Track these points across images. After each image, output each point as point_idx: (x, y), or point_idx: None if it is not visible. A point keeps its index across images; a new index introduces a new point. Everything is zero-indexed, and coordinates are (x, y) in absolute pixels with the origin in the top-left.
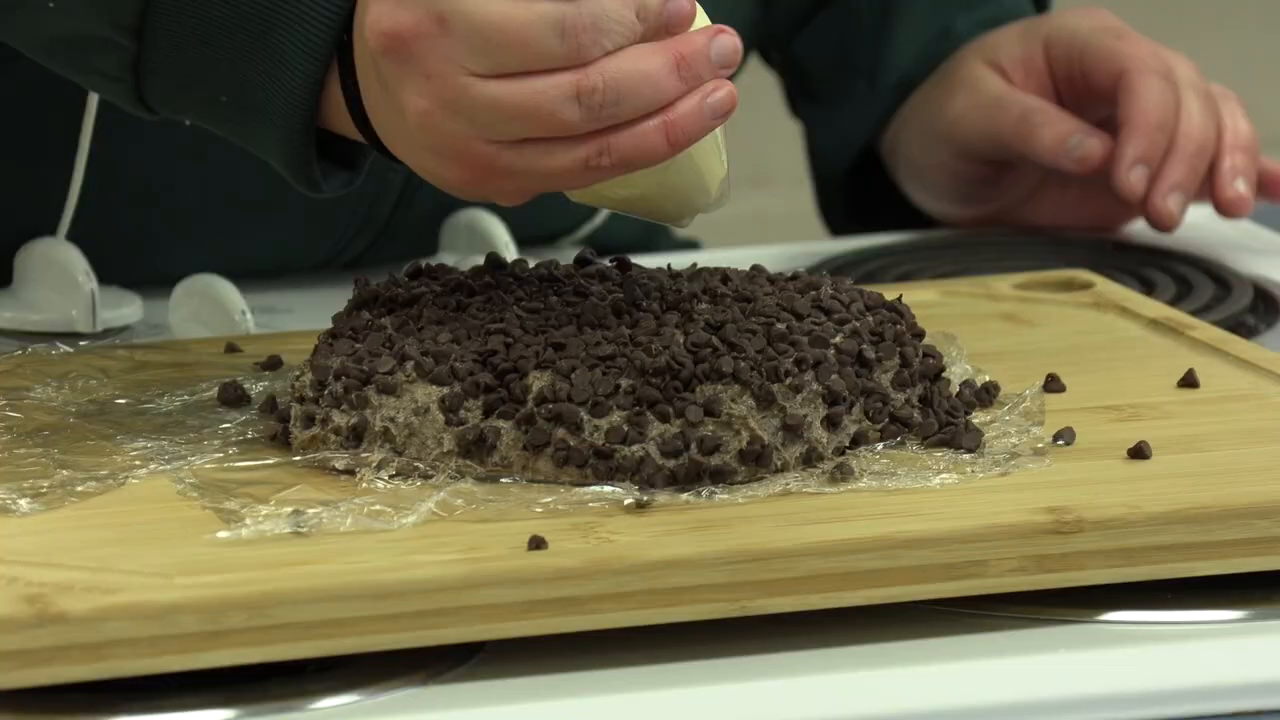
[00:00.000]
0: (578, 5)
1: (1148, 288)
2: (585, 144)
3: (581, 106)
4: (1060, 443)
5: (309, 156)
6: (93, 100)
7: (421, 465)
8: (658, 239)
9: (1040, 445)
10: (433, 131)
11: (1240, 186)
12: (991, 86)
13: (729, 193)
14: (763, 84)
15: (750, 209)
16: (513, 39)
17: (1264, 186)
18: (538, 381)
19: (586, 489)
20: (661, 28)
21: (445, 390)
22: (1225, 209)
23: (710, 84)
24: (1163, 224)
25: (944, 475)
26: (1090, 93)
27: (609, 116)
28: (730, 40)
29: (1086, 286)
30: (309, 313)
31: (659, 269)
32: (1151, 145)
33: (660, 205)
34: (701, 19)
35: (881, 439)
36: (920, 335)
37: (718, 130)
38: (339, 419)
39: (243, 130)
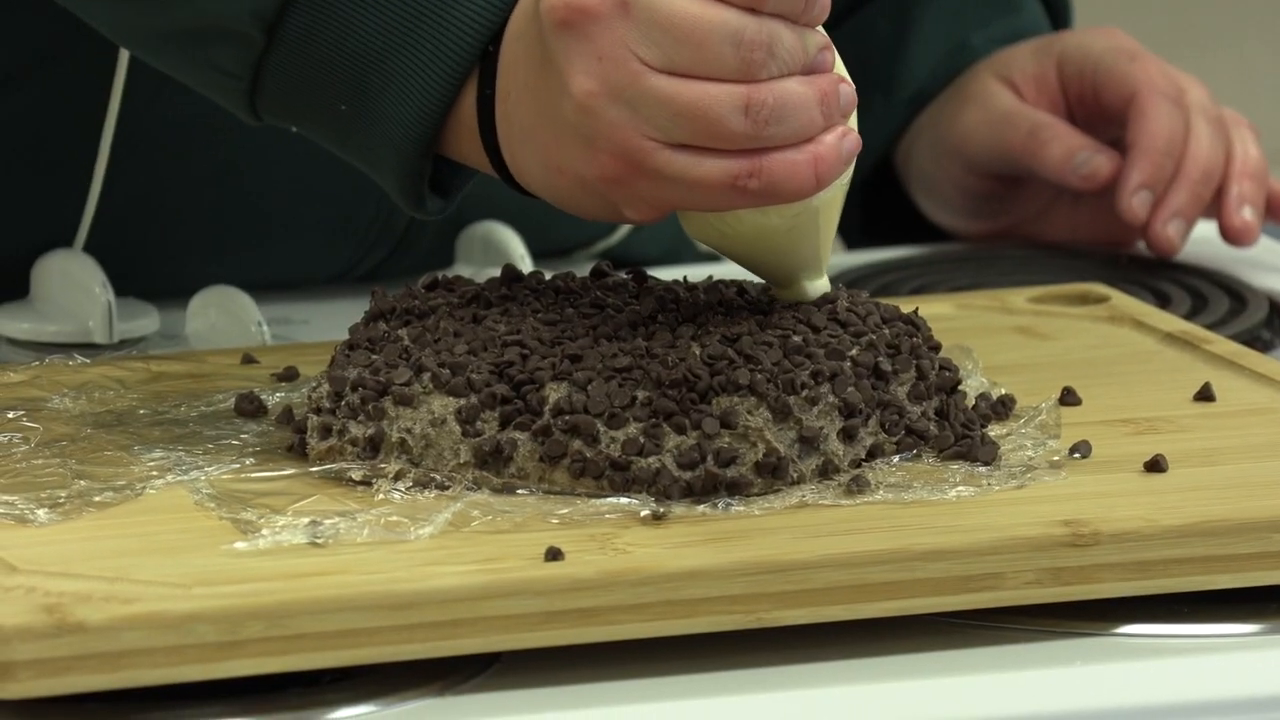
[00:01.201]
0: (758, 22)
1: (1163, 301)
2: (739, 160)
3: (748, 119)
4: (1076, 456)
5: (423, 173)
6: (112, 113)
7: (438, 476)
8: (673, 254)
9: (1056, 458)
10: (593, 115)
11: (1247, 214)
12: (1002, 102)
13: (824, 284)
14: None
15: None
16: (690, 37)
17: (1273, 210)
18: (554, 393)
19: (603, 500)
20: (811, 65)
21: (462, 402)
22: (1231, 237)
23: (842, 127)
24: (1162, 250)
25: (960, 488)
26: (1101, 113)
27: (769, 136)
28: (851, 89)
29: (1102, 300)
30: (325, 324)
31: (675, 281)
32: (1157, 170)
33: (773, 256)
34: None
35: (897, 451)
36: (936, 348)
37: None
38: (356, 430)
39: (356, 143)
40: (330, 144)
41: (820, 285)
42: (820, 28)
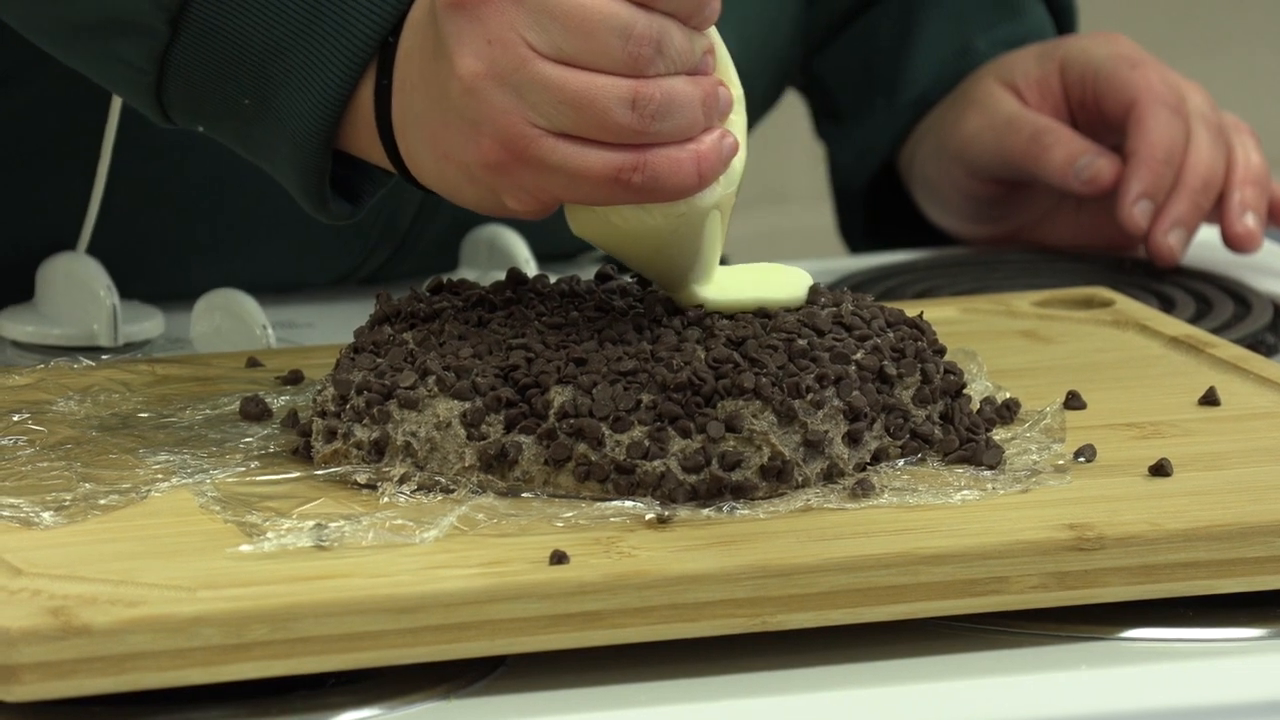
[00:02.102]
0: (649, 18)
1: (1167, 306)
2: (623, 153)
3: (634, 112)
4: (1081, 460)
5: (323, 170)
6: (114, 113)
7: (443, 480)
8: None
9: (1061, 462)
10: (478, 98)
11: (1249, 221)
12: (1004, 106)
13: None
14: (779, 103)
15: (767, 226)
16: (580, 26)
17: (1275, 215)
18: (559, 396)
19: (608, 504)
20: (697, 67)
21: (467, 405)
22: (1234, 244)
23: (721, 128)
24: (1163, 260)
25: (965, 492)
26: (1102, 120)
27: (654, 132)
28: (729, 93)
29: (1106, 304)
30: (330, 328)
31: None
32: (1157, 179)
33: (657, 256)
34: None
35: (902, 455)
36: (941, 352)
37: (726, 220)
38: (361, 433)
39: (258, 139)
40: (235, 144)
41: (708, 291)
42: (710, 29)
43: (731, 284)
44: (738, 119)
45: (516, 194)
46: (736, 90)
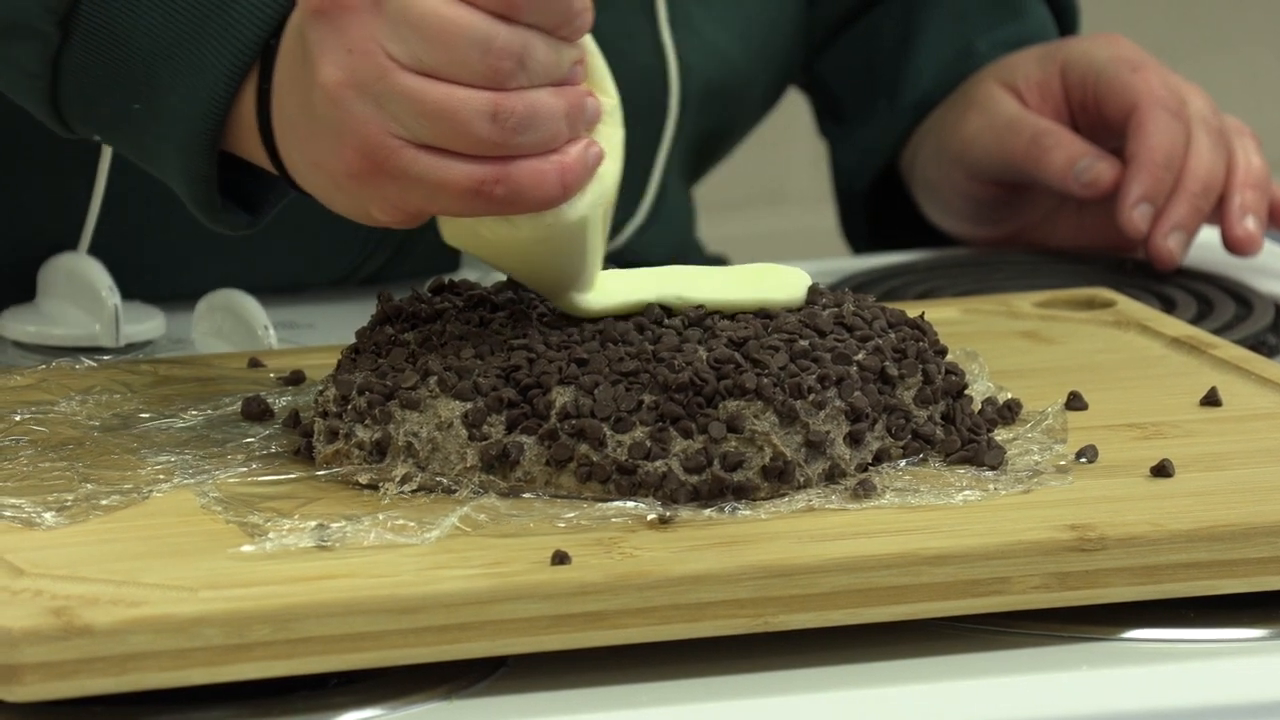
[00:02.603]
0: (510, 31)
1: (1169, 306)
2: (485, 165)
3: (495, 124)
4: (1083, 460)
5: (210, 176)
6: None
7: (445, 480)
8: (680, 256)
9: (1063, 463)
10: (340, 108)
11: (1250, 224)
12: (1005, 108)
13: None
14: (780, 103)
15: (767, 227)
16: (439, 38)
17: (1276, 218)
18: (561, 397)
19: (609, 504)
20: (565, 79)
21: (468, 405)
22: (1234, 247)
23: (586, 138)
24: (1162, 263)
25: (966, 492)
26: (1103, 123)
27: (516, 144)
28: (597, 104)
29: (1108, 305)
30: (331, 328)
31: None
32: (1157, 183)
33: (529, 268)
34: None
35: (904, 456)
36: (943, 352)
37: (603, 230)
38: (362, 434)
39: (149, 146)
40: (131, 152)
41: (590, 299)
42: (585, 39)
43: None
44: (611, 129)
45: (381, 204)
46: (610, 100)
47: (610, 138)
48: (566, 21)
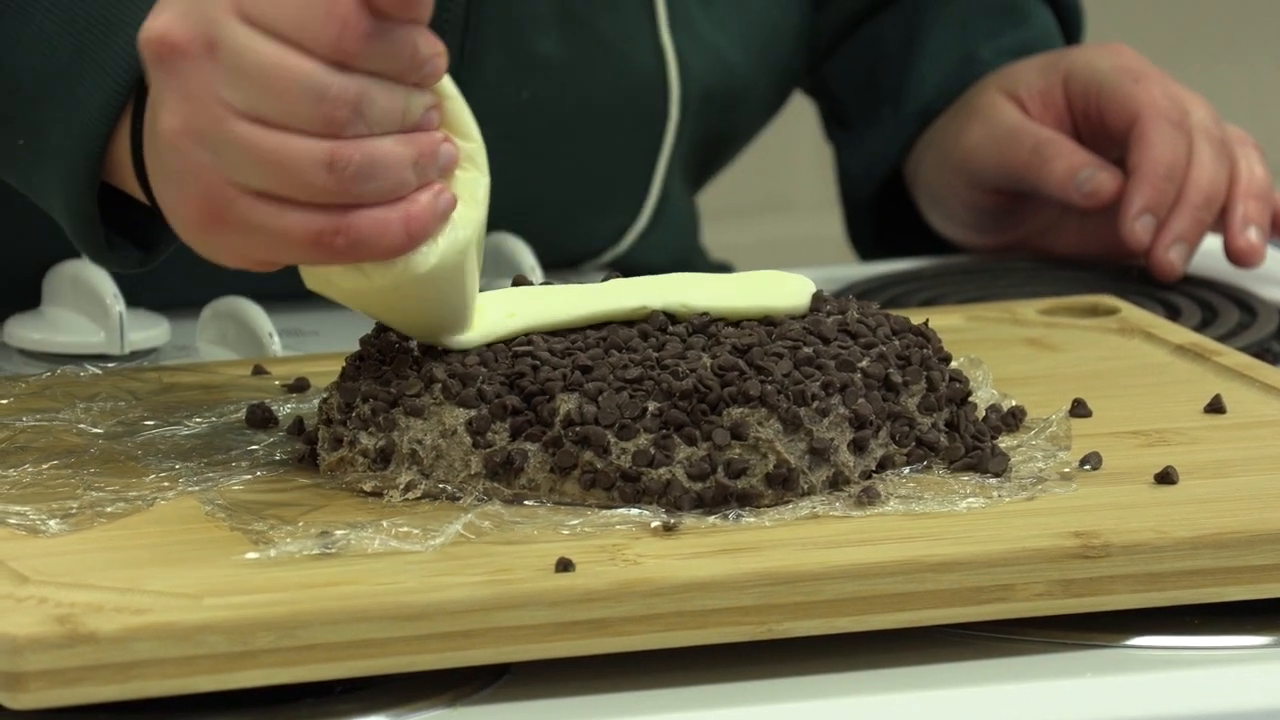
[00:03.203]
0: (346, 80)
1: (1173, 313)
2: (324, 215)
3: (331, 173)
4: (1087, 467)
5: (90, 215)
6: None
7: (449, 487)
8: (683, 262)
9: (1067, 470)
10: (179, 155)
11: (1252, 235)
12: (1007, 117)
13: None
14: (781, 112)
15: (772, 234)
16: (272, 87)
17: (1279, 228)
18: (565, 404)
19: (613, 511)
20: (415, 125)
21: (472, 413)
22: (1237, 258)
23: (437, 185)
24: (1164, 275)
25: (970, 499)
26: (1105, 133)
27: (355, 194)
28: (453, 149)
29: (1112, 312)
30: (335, 336)
31: None
32: (1159, 195)
33: (395, 314)
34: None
35: (908, 463)
36: (947, 359)
37: (476, 271)
38: (366, 441)
39: (38, 186)
40: (23, 189)
41: (465, 340)
42: (446, 82)
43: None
44: (472, 174)
45: (227, 253)
46: (470, 144)
47: (470, 183)
48: (414, 68)
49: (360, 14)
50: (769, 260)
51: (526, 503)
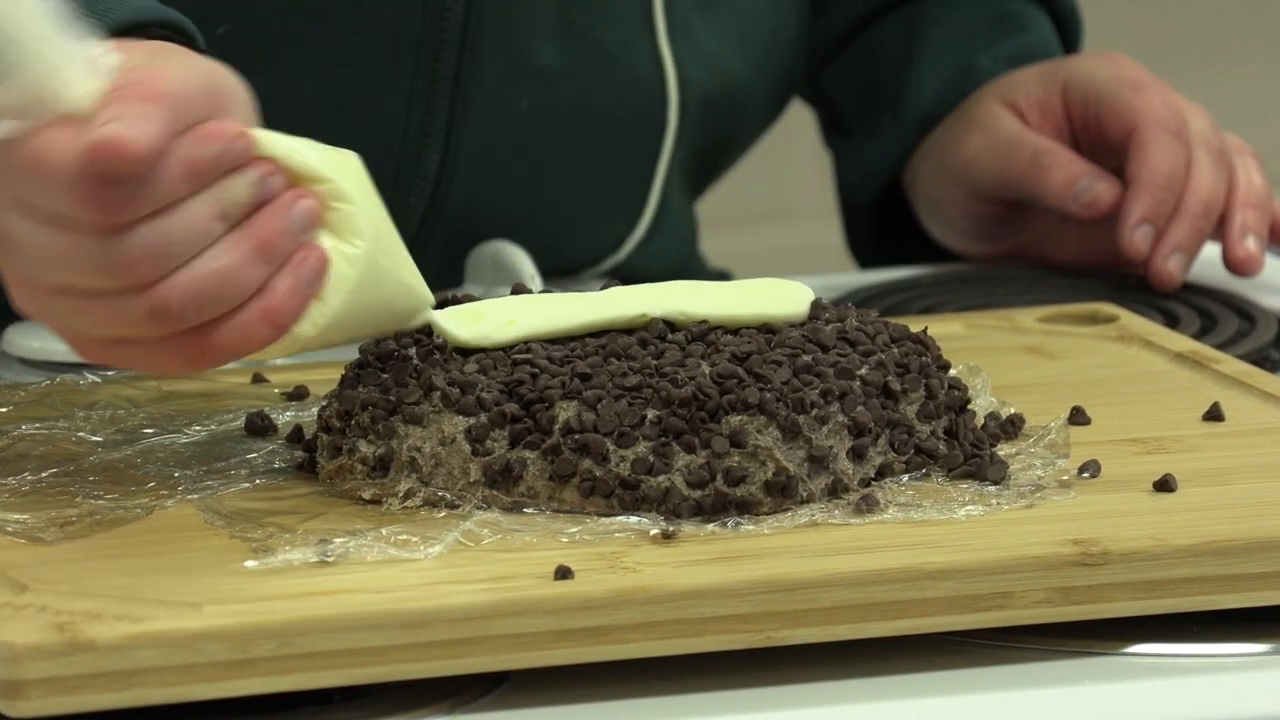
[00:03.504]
0: (127, 241)
1: (1172, 321)
2: (180, 346)
3: (162, 320)
4: (1085, 475)
5: None
6: None
7: (448, 495)
8: (682, 270)
9: (1065, 478)
10: (40, 316)
11: (1251, 244)
12: (1005, 126)
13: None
14: (781, 120)
15: (770, 242)
16: (66, 267)
17: (1277, 238)
18: (564, 412)
19: (612, 519)
20: (252, 206)
21: (471, 420)
22: (1235, 267)
23: (298, 255)
24: (1162, 284)
25: (969, 507)
26: (1104, 143)
27: (198, 321)
28: (309, 204)
29: (1111, 320)
30: None
31: None
32: (1158, 204)
33: (355, 332)
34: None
35: (907, 471)
36: (946, 367)
37: (397, 253)
38: (365, 449)
39: None
40: None
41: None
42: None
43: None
44: (345, 210)
45: (137, 363)
46: (330, 183)
47: (347, 218)
48: (213, 168)
49: (104, 183)
50: (768, 268)
51: (525, 510)
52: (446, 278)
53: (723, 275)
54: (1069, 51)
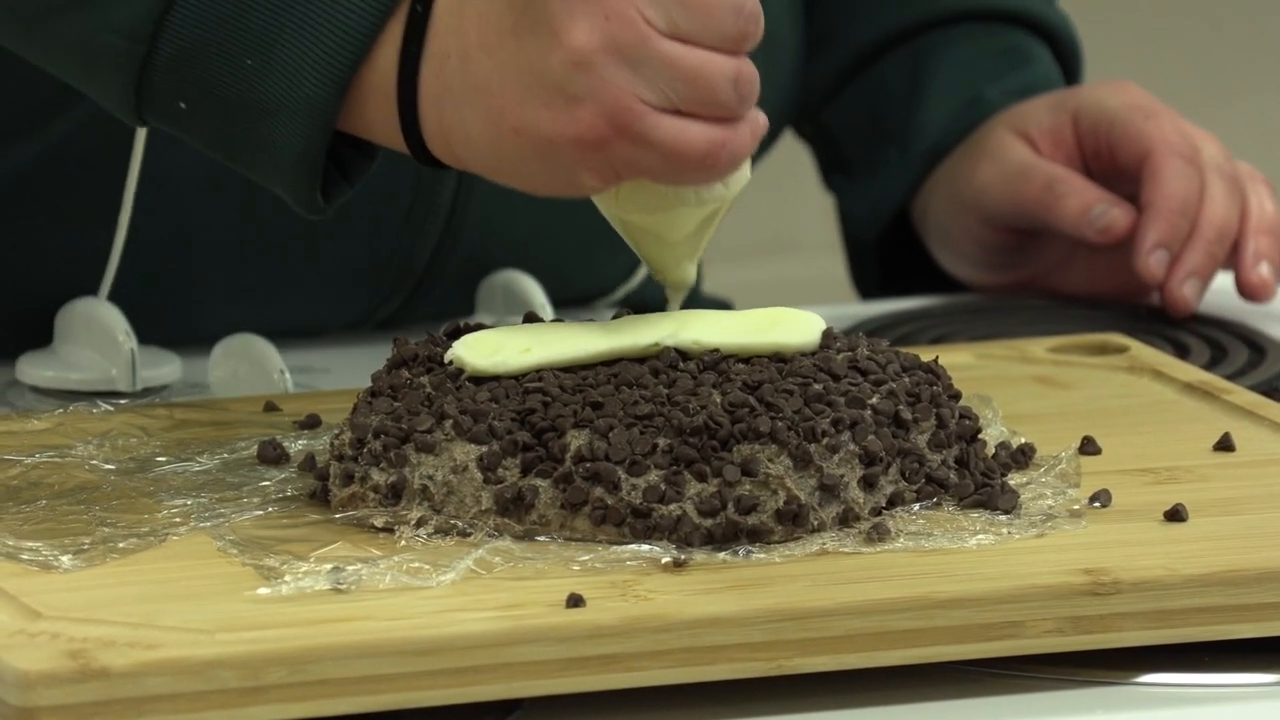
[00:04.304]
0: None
1: (1182, 352)
2: (719, 128)
3: (735, 89)
4: (1096, 505)
5: (326, 131)
6: (135, 162)
7: (460, 523)
8: (691, 299)
9: (1076, 507)
10: (590, 72)
11: (1264, 271)
12: (1017, 155)
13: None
14: (787, 152)
15: (775, 275)
16: (699, 3)
17: None
18: (576, 440)
19: (624, 548)
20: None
21: (483, 449)
22: (1248, 294)
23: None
24: (1177, 310)
25: (980, 536)
26: (1116, 170)
27: (742, 111)
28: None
29: (1121, 350)
30: (346, 373)
31: None
32: (1173, 230)
33: (675, 242)
34: None
35: (918, 500)
36: (956, 397)
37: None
38: (378, 477)
39: (249, 115)
40: (214, 128)
41: (683, 282)
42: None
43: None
44: None
45: (599, 169)
46: None
47: None
48: None
49: None
50: (776, 299)
51: (537, 538)
52: (457, 304)
53: (723, 305)
54: (1070, 85)
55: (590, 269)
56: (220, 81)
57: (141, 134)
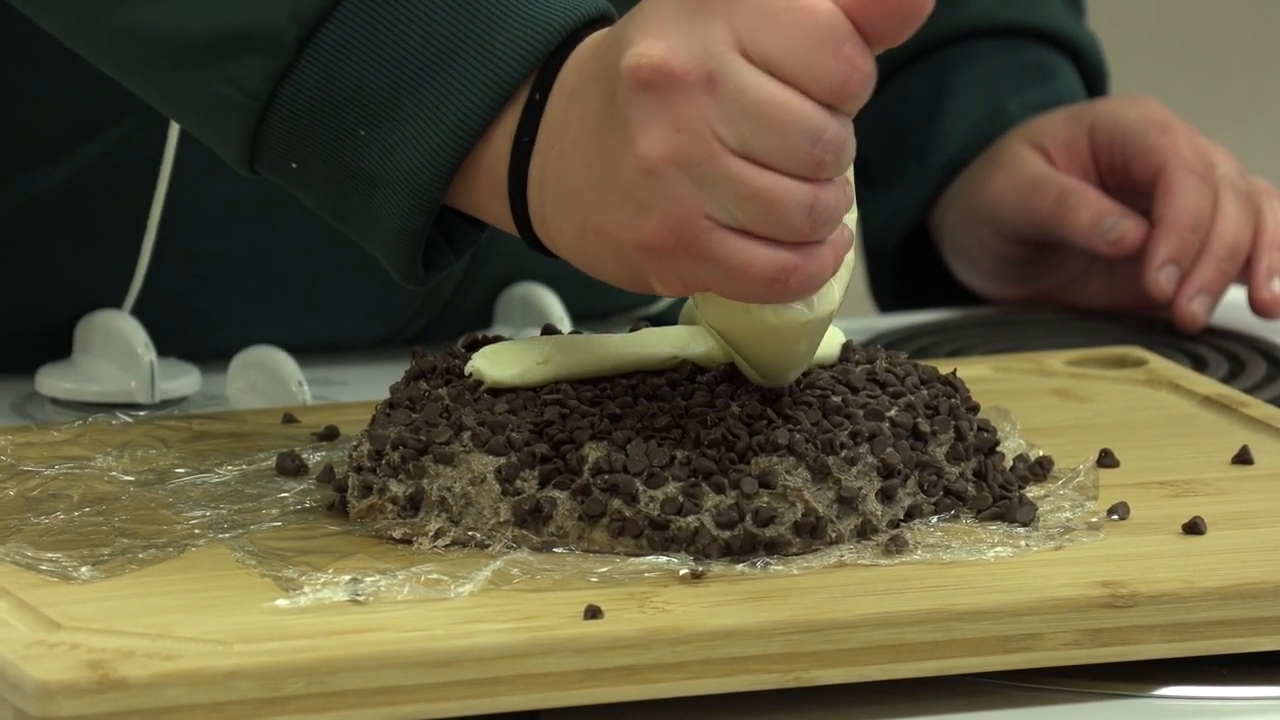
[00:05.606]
0: (837, 124)
1: (1200, 365)
2: (788, 253)
3: (809, 217)
4: (1114, 517)
5: (432, 210)
6: (160, 189)
7: (478, 535)
8: None
9: (1094, 520)
10: (658, 183)
11: (1276, 287)
12: (1032, 167)
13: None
14: None
15: None
16: (773, 125)
17: None
18: (593, 452)
19: (642, 559)
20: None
21: (501, 460)
22: (1261, 310)
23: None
24: (1186, 326)
25: (998, 548)
26: (1131, 184)
27: (819, 237)
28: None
29: (1139, 363)
30: (364, 386)
31: None
32: (1183, 245)
33: (780, 351)
34: None
35: (936, 512)
36: (975, 409)
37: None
38: (396, 488)
39: (358, 183)
40: (322, 191)
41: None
42: None
43: None
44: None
45: (668, 280)
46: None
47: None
48: (858, 105)
49: (867, 56)
50: None
51: (555, 550)
52: (479, 324)
53: None
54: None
55: (610, 286)
56: (332, 148)
57: (168, 163)
